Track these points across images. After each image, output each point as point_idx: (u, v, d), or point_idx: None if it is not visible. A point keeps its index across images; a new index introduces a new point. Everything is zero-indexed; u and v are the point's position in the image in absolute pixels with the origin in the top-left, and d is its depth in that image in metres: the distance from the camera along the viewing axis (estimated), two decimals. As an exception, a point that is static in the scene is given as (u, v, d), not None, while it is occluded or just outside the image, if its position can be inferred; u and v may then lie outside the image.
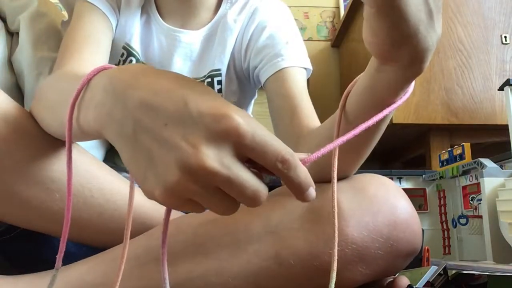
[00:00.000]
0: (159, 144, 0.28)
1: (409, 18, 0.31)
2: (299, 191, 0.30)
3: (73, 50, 0.59)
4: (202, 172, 0.27)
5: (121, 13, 0.71)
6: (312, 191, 0.30)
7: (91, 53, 0.60)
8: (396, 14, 0.31)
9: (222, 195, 0.28)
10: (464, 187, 1.10)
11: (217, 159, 0.27)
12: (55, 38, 0.74)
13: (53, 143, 0.47)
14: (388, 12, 0.30)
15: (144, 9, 0.74)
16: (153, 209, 0.52)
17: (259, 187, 0.29)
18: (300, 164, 0.29)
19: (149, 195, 0.30)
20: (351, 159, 0.48)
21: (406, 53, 0.34)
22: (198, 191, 0.28)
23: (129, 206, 0.39)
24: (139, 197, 0.52)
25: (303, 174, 0.29)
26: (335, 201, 0.36)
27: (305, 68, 0.65)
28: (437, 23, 0.33)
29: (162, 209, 0.53)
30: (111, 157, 0.76)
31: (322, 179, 0.47)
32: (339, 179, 0.46)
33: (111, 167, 0.52)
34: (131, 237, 0.48)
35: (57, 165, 0.47)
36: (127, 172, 0.73)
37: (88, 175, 0.49)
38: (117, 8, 0.71)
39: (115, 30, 0.70)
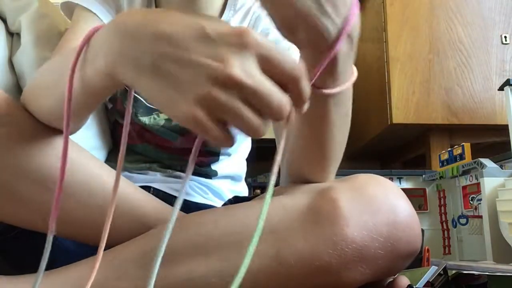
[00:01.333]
0: (183, 66, 0.29)
1: (292, 6, 0.32)
2: (303, 101, 0.31)
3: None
4: (230, 82, 0.28)
5: None
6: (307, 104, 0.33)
7: None
8: (277, 2, 0.32)
9: (249, 109, 0.29)
10: (464, 187, 1.11)
11: (242, 69, 0.28)
12: (56, 39, 0.74)
13: (52, 140, 0.47)
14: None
15: None
16: (154, 210, 0.52)
17: (283, 98, 0.30)
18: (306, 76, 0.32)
19: (179, 115, 0.30)
20: (314, 153, 0.49)
21: (303, 39, 0.35)
22: (227, 104, 0.28)
23: (112, 197, 0.40)
24: (141, 197, 0.52)
25: (308, 85, 0.32)
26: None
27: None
28: (336, 13, 0.34)
29: (162, 209, 0.53)
30: (113, 158, 0.76)
31: (299, 180, 0.50)
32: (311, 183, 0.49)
33: (113, 167, 0.52)
34: (131, 238, 0.48)
35: (55, 162, 0.47)
36: (128, 172, 0.73)
37: (89, 173, 0.49)
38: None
39: None
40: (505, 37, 1.55)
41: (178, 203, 0.32)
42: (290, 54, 0.68)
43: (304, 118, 0.44)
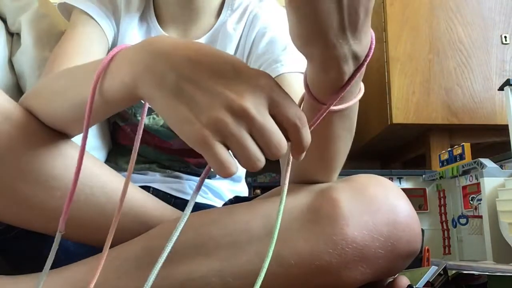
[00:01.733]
0: (204, 92, 0.32)
1: (316, 20, 0.32)
2: (301, 149, 0.34)
3: (64, 61, 0.59)
4: (242, 113, 0.31)
5: (121, 23, 0.70)
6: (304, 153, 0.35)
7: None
8: (304, 10, 0.32)
9: (252, 142, 0.32)
10: (464, 187, 1.10)
11: (254, 105, 0.32)
12: (56, 39, 0.74)
13: (53, 140, 0.47)
14: (298, 6, 0.32)
15: (144, 19, 0.73)
16: (154, 209, 0.52)
17: (282, 138, 0.33)
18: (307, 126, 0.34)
19: (189, 134, 0.32)
20: (317, 161, 0.48)
21: (315, 55, 0.35)
22: (234, 131, 0.31)
23: (120, 202, 0.41)
24: (141, 197, 0.52)
25: (309, 134, 0.34)
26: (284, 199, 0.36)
27: (303, 73, 0.64)
28: (353, 40, 0.34)
29: (162, 208, 0.53)
30: (113, 158, 0.76)
31: (301, 181, 0.50)
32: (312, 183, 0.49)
33: (112, 167, 0.52)
34: (131, 238, 0.48)
35: (58, 162, 0.47)
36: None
37: (89, 173, 0.49)
38: (117, 18, 0.70)
39: (116, 41, 0.70)
40: (505, 37, 1.55)
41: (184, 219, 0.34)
42: (286, 55, 0.66)
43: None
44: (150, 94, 0.35)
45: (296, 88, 0.61)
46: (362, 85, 0.41)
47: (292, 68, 0.64)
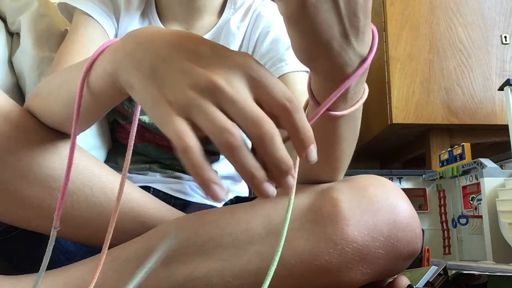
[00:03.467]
0: (175, 71, 0.30)
1: (318, 32, 0.32)
2: (302, 141, 0.30)
3: (67, 62, 0.59)
4: (210, 87, 0.28)
5: (120, 21, 0.70)
6: (314, 150, 0.30)
7: None
8: (304, 24, 0.31)
9: (220, 113, 0.28)
10: (464, 187, 1.10)
11: (226, 80, 0.29)
12: (55, 39, 0.74)
13: (53, 141, 0.47)
14: (296, 21, 0.31)
15: (146, 16, 0.73)
16: (154, 210, 0.52)
17: (260, 113, 0.28)
18: (303, 111, 0.30)
19: (157, 115, 0.30)
20: (323, 162, 0.48)
21: (321, 66, 0.35)
22: (201, 106, 0.28)
23: (117, 200, 0.41)
24: (141, 197, 0.52)
25: (307, 122, 0.30)
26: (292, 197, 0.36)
27: (308, 71, 0.65)
28: (357, 42, 0.34)
29: (162, 209, 0.53)
30: (113, 158, 0.76)
31: (304, 181, 0.49)
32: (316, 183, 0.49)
33: (112, 167, 0.52)
34: (131, 238, 0.48)
35: (58, 163, 0.47)
36: (128, 172, 0.73)
37: (89, 173, 0.49)
38: (117, 16, 0.70)
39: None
40: (505, 37, 1.55)
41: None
42: (291, 54, 0.66)
43: (313, 132, 0.45)
44: (129, 81, 0.33)
45: (301, 87, 0.61)
46: (366, 87, 0.41)
47: (297, 67, 0.64)
